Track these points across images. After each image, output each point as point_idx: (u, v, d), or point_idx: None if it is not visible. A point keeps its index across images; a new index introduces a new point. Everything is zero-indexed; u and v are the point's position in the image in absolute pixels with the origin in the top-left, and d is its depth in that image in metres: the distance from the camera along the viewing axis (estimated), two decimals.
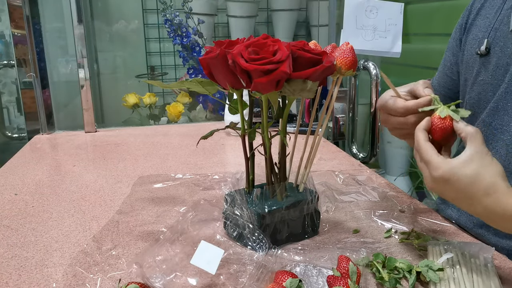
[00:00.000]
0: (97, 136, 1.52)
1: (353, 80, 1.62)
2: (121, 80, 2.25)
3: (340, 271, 0.62)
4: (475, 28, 0.88)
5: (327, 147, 1.37)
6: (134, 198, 0.96)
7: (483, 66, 0.84)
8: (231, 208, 0.75)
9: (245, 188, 0.77)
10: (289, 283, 0.59)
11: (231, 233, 0.75)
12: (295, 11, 2.18)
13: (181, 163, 1.21)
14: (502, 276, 0.64)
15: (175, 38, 1.91)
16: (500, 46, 0.80)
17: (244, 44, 0.64)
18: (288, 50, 0.63)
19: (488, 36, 0.83)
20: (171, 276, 0.62)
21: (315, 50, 0.67)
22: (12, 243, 0.77)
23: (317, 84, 0.67)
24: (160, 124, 1.89)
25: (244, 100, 0.73)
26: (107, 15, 2.15)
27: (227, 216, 0.76)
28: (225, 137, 1.47)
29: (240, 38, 0.70)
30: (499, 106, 0.80)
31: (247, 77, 0.64)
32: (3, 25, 2.05)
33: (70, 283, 0.64)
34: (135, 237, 0.78)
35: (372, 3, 1.46)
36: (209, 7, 2.06)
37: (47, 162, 1.24)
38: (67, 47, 1.96)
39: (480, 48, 0.83)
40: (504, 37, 0.80)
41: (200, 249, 0.62)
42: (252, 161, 0.75)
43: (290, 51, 0.63)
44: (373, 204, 0.91)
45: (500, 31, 0.81)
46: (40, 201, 0.95)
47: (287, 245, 0.74)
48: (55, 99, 1.60)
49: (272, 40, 0.65)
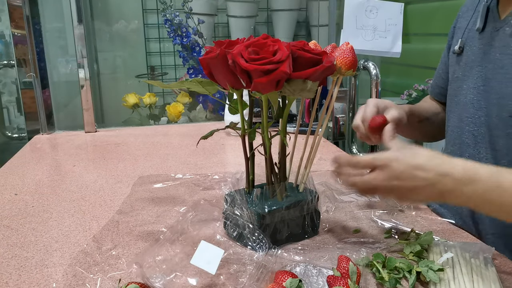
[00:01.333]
0: (97, 136, 1.52)
1: (353, 80, 1.62)
2: (121, 80, 2.25)
3: (340, 271, 0.62)
4: (457, 30, 0.93)
5: (327, 147, 1.37)
6: (134, 198, 0.96)
7: (457, 64, 0.89)
8: (231, 208, 0.75)
9: (245, 188, 0.77)
10: (289, 283, 0.59)
11: (231, 233, 0.75)
12: (295, 11, 2.17)
13: (181, 163, 1.21)
14: (502, 276, 0.64)
15: (175, 38, 1.91)
16: (470, 45, 0.86)
17: (244, 44, 0.64)
18: (288, 50, 0.63)
19: (462, 36, 0.88)
20: (171, 276, 0.62)
21: (315, 50, 0.67)
22: (12, 243, 0.77)
23: (317, 84, 0.67)
24: (160, 124, 1.88)
25: (244, 100, 0.73)
26: (107, 15, 2.15)
27: (227, 216, 0.76)
28: (225, 137, 1.47)
29: (240, 38, 0.70)
30: (466, 100, 0.85)
31: (247, 77, 0.64)
32: (3, 25, 2.05)
33: (70, 283, 0.64)
34: (135, 237, 0.78)
35: (372, 3, 1.46)
36: (209, 7, 2.06)
37: (47, 162, 1.24)
38: (67, 47, 1.96)
39: (455, 48, 0.89)
40: (473, 36, 0.86)
41: (200, 249, 0.62)
42: (252, 161, 0.75)
43: (290, 51, 0.63)
44: (373, 204, 0.91)
45: (472, 31, 0.86)
46: (40, 201, 0.95)
47: (287, 245, 0.74)
48: (55, 99, 1.60)
49: (272, 40, 0.65)
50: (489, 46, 0.81)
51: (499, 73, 0.78)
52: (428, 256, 0.69)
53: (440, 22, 1.90)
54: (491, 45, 0.80)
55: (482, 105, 0.81)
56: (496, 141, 0.78)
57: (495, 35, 0.79)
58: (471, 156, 0.83)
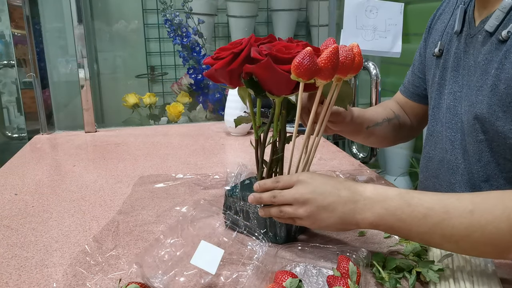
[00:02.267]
0: (97, 136, 1.52)
1: (353, 80, 1.62)
2: (121, 80, 2.25)
3: (340, 271, 0.62)
4: (434, 32, 0.92)
5: (327, 147, 1.37)
6: (135, 198, 0.96)
7: (437, 67, 0.88)
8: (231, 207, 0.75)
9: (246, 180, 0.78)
10: (289, 283, 0.59)
11: (231, 233, 0.75)
12: (295, 11, 2.17)
13: (181, 163, 1.21)
14: (502, 276, 0.64)
15: (175, 38, 1.91)
16: (448, 48, 0.85)
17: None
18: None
19: (441, 39, 0.87)
20: (171, 276, 0.62)
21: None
22: (12, 243, 0.77)
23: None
24: (160, 124, 1.88)
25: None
26: (107, 15, 2.15)
27: (227, 216, 0.77)
28: (225, 137, 1.47)
29: (240, 38, 0.70)
30: (444, 105, 0.84)
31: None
32: (3, 25, 2.05)
33: (70, 283, 0.64)
34: (135, 237, 0.78)
35: (372, 3, 1.46)
36: (209, 7, 2.06)
37: (47, 162, 1.24)
38: (67, 47, 1.96)
39: (435, 50, 0.88)
40: (450, 39, 0.85)
41: (200, 249, 0.62)
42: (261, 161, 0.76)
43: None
44: None
45: (449, 34, 0.86)
46: (40, 201, 0.95)
47: (287, 244, 0.74)
48: (55, 99, 1.60)
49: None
50: (464, 52, 0.80)
51: (471, 80, 0.77)
52: (428, 256, 0.69)
53: None
54: (466, 51, 0.79)
55: (458, 110, 0.80)
56: (468, 147, 0.77)
57: (470, 41, 0.78)
58: (449, 162, 0.82)
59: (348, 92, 0.75)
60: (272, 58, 0.64)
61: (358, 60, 0.68)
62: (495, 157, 0.73)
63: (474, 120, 0.74)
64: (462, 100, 0.79)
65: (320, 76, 0.64)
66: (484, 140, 0.74)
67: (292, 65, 0.62)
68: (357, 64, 0.68)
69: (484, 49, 0.73)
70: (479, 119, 0.73)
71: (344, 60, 0.65)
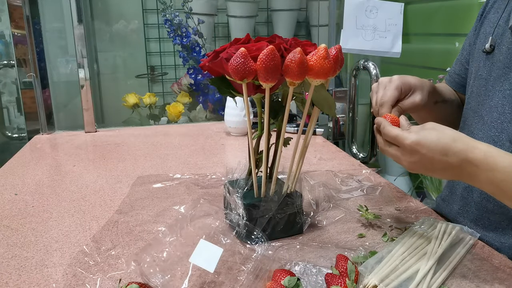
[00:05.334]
0: (97, 136, 1.53)
1: (353, 80, 1.62)
2: (121, 80, 2.25)
3: (338, 270, 0.62)
4: (486, 22, 0.87)
5: (327, 147, 1.38)
6: (134, 198, 0.96)
7: (485, 62, 0.83)
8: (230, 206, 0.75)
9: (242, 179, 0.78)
10: (287, 281, 0.59)
11: (230, 231, 0.76)
12: (295, 11, 2.17)
13: (181, 163, 1.21)
14: (502, 276, 0.64)
15: (175, 38, 1.91)
16: (500, 43, 0.80)
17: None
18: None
19: (493, 34, 0.82)
20: (170, 275, 0.62)
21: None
22: (12, 243, 0.77)
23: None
24: (160, 124, 1.89)
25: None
26: (107, 15, 2.15)
27: (226, 215, 0.77)
28: (225, 137, 1.48)
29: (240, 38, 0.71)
30: (491, 103, 0.80)
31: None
32: (3, 25, 2.05)
33: (70, 283, 0.64)
34: (135, 237, 0.79)
35: (372, 3, 1.46)
36: (209, 7, 2.06)
37: (47, 162, 1.24)
38: (67, 47, 1.96)
39: (485, 46, 0.83)
40: (503, 34, 0.80)
41: (199, 247, 0.63)
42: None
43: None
44: (372, 203, 0.91)
45: (502, 27, 0.81)
46: (40, 201, 0.95)
47: (286, 244, 0.74)
48: (55, 99, 1.60)
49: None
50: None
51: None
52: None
53: (440, 22, 1.90)
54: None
55: (506, 110, 0.76)
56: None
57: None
58: None
59: (328, 97, 0.74)
60: (227, 58, 0.66)
61: (317, 63, 0.62)
62: None
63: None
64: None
65: (260, 78, 0.63)
66: None
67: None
68: (318, 67, 0.62)
69: None
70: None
71: (289, 63, 0.61)
